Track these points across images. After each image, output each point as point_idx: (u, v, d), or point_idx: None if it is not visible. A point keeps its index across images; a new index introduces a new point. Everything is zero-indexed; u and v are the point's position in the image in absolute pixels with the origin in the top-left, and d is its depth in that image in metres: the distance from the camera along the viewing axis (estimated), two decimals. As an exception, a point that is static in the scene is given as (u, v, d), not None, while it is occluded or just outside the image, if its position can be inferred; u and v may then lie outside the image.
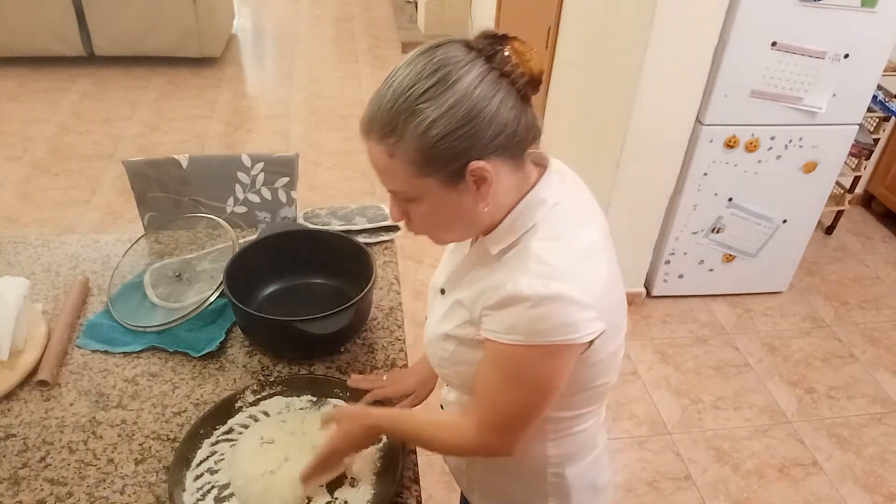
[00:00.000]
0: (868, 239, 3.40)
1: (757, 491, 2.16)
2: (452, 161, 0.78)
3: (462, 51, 0.78)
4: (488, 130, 0.77)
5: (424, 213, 0.85)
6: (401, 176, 0.80)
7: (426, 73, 0.76)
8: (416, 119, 0.76)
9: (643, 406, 2.43)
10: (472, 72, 0.77)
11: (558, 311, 0.79)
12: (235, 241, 1.48)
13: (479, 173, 0.79)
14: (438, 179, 0.80)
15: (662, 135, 2.41)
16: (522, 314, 0.80)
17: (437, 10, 5.15)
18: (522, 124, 0.81)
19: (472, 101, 0.76)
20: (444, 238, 0.92)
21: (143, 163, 1.79)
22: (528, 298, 0.79)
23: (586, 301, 0.80)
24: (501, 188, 0.83)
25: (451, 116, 0.76)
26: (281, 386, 1.23)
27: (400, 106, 0.77)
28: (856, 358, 2.68)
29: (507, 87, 0.78)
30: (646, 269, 2.81)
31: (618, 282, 0.92)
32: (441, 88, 0.76)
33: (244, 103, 4.35)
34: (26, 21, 4.28)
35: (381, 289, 1.50)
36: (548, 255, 0.82)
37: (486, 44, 0.79)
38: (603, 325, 0.83)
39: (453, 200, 0.82)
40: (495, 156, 0.80)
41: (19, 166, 3.57)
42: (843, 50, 2.29)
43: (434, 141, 0.76)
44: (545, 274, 0.80)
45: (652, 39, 2.18)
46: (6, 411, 1.18)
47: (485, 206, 0.82)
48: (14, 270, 1.50)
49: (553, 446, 1.01)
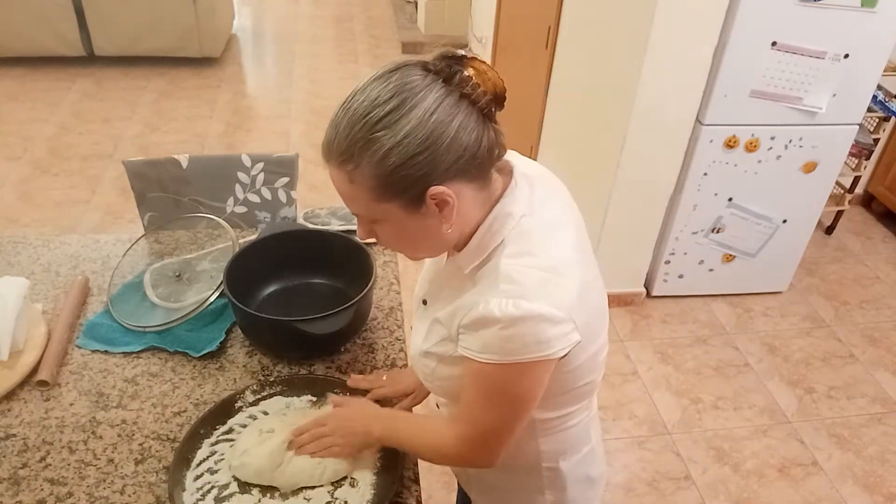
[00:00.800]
0: (868, 239, 3.40)
1: (757, 491, 2.16)
2: (410, 188, 0.78)
3: (419, 74, 0.78)
4: (447, 156, 0.77)
5: (390, 235, 0.86)
6: (362, 201, 0.81)
7: (382, 100, 0.76)
8: (371, 147, 0.76)
9: (643, 406, 2.43)
10: (429, 97, 0.76)
11: (530, 330, 0.79)
12: (235, 241, 1.48)
13: (439, 198, 0.79)
14: (398, 205, 0.80)
15: (662, 135, 2.41)
16: (495, 335, 0.81)
17: (437, 10, 5.15)
18: (484, 145, 0.80)
19: (428, 127, 0.75)
20: (415, 256, 0.93)
21: (143, 163, 1.79)
22: (499, 320, 0.79)
23: (558, 316, 0.80)
24: (466, 208, 0.83)
25: (407, 144, 0.75)
26: (281, 386, 1.23)
27: (356, 134, 0.76)
28: (856, 358, 2.68)
29: (466, 108, 0.78)
30: (646, 269, 2.81)
31: (594, 286, 0.91)
32: (397, 116, 0.75)
33: (244, 103, 4.35)
34: (26, 21, 4.28)
35: (381, 289, 1.50)
36: (517, 273, 0.81)
37: (444, 65, 0.79)
38: (578, 336, 0.83)
39: (416, 223, 0.82)
40: (456, 179, 0.79)
41: (19, 166, 3.57)
42: (843, 50, 2.29)
43: (391, 169, 0.76)
44: (515, 293, 0.80)
45: (652, 39, 2.18)
46: (6, 411, 1.18)
47: (448, 228, 0.82)
48: (14, 270, 1.50)
49: (545, 442, 1.02)
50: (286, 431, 1.09)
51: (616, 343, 2.69)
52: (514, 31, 3.93)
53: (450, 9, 5.15)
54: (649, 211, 2.62)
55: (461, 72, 0.78)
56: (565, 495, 1.07)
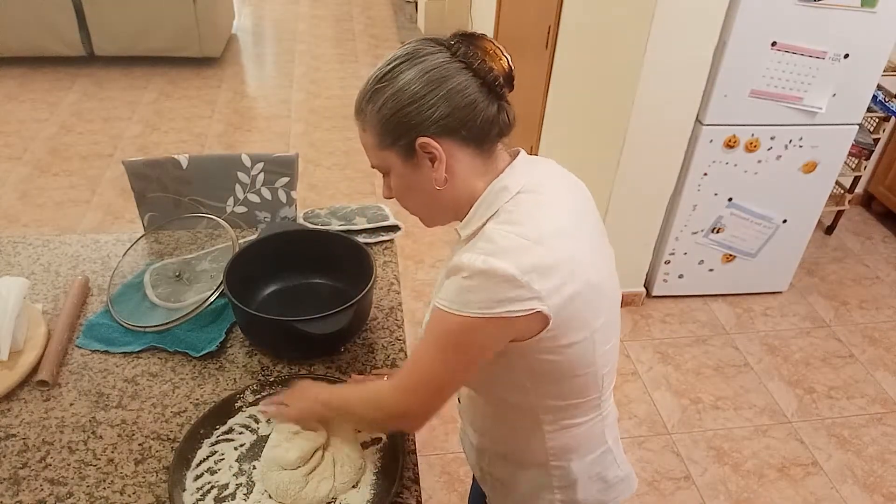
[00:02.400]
0: (868, 239, 3.40)
1: (757, 491, 2.16)
2: (403, 136, 0.88)
3: (432, 44, 0.89)
4: (436, 110, 0.86)
5: (397, 188, 0.94)
6: (371, 148, 0.92)
7: (392, 60, 0.88)
8: (375, 97, 0.88)
9: (643, 406, 2.43)
10: (431, 60, 0.86)
11: (488, 285, 0.83)
12: (235, 241, 1.48)
13: (426, 148, 0.87)
14: (396, 153, 0.90)
15: (662, 135, 2.41)
16: (456, 283, 0.86)
17: (437, 10, 5.15)
18: (479, 111, 0.87)
19: (421, 82, 0.85)
20: (423, 215, 0.98)
21: (143, 163, 1.79)
22: (463, 269, 0.85)
23: (521, 280, 0.82)
24: (461, 171, 0.91)
25: (400, 95, 0.86)
26: (281, 386, 1.22)
27: (368, 87, 0.89)
28: (856, 358, 2.68)
29: (468, 78, 0.87)
30: (646, 269, 2.81)
31: (590, 268, 0.91)
32: (398, 72, 0.87)
33: (244, 103, 4.35)
34: (26, 21, 4.28)
35: (381, 289, 1.50)
36: (497, 234, 0.86)
37: (455, 41, 0.89)
38: (540, 306, 0.84)
39: (413, 175, 0.91)
40: (448, 137, 0.88)
41: (19, 166, 3.57)
42: (843, 50, 2.29)
43: (387, 117, 0.87)
44: (488, 251, 0.84)
45: (652, 39, 2.18)
46: (6, 411, 1.18)
47: (440, 185, 0.90)
48: (14, 270, 1.50)
49: (551, 438, 1.02)
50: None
51: (616, 343, 2.69)
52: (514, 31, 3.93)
53: (450, 9, 5.15)
54: (649, 211, 2.62)
55: (468, 47, 0.88)
56: (576, 495, 1.07)
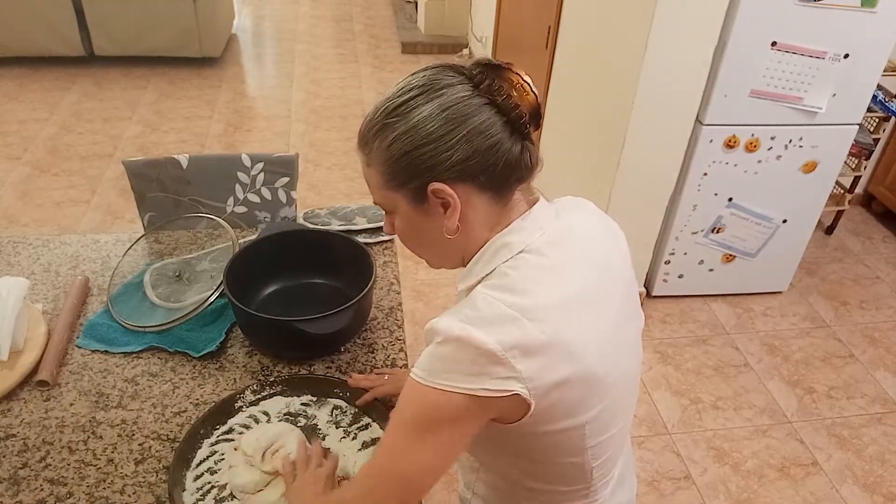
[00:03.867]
0: (868, 239, 3.40)
1: (757, 491, 2.16)
2: (414, 179, 0.78)
3: (451, 74, 0.79)
4: (453, 155, 0.76)
5: (401, 229, 0.86)
6: (375, 186, 0.83)
7: (406, 90, 0.78)
8: (384, 133, 0.78)
9: (643, 406, 2.43)
10: (450, 94, 0.77)
11: (462, 356, 0.73)
12: (235, 241, 1.48)
13: (440, 195, 0.78)
14: (405, 196, 0.80)
15: (662, 135, 2.41)
16: (431, 349, 0.77)
17: (437, 10, 5.15)
18: (502, 156, 0.77)
19: (439, 121, 0.76)
20: (429, 259, 0.90)
21: (143, 163, 1.79)
22: (438, 333, 0.76)
23: (500, 357, 0.72)
24: (476, 218, 0.81)
25: (414, 134, 0.76)
26: (281, 386, 1.23)
27: (375, 119, 0.80)
28: (856, 358, 2.68)
29: (491, 116, 0.77)
30: (646, 269, 2.81)
31: (595, 359, 0.79)
32: (413, 105, 0.77)
33: (244, 103, 4.35)
34: (26, 21, 4.28)
35: (381, 289, 1.50)
36: (483, 301, 0.76)
37: (479, 71, 0.79)
38: (519, 387, 0.73)
39: (421, 220, 0.82)
40: (465, 182, 0.78)
41: (19, 166, 3.57)
42: (843, 50, 2.29)
43: (397, 157, 0.78)
44: (469, 318, 0.75)
45: (652, 39, 2.18)
46: (6, 411, 1.18)
47: (451, 233, 0.80)
48: (14, 270, 1.50)
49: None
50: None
51: (616, 343, 2.69)
52: (514, 31, 3.93)
53: (450, 9, 5.15)
54: (649, 211, 2.62)
55: (493, 80, 0.78)
56: None
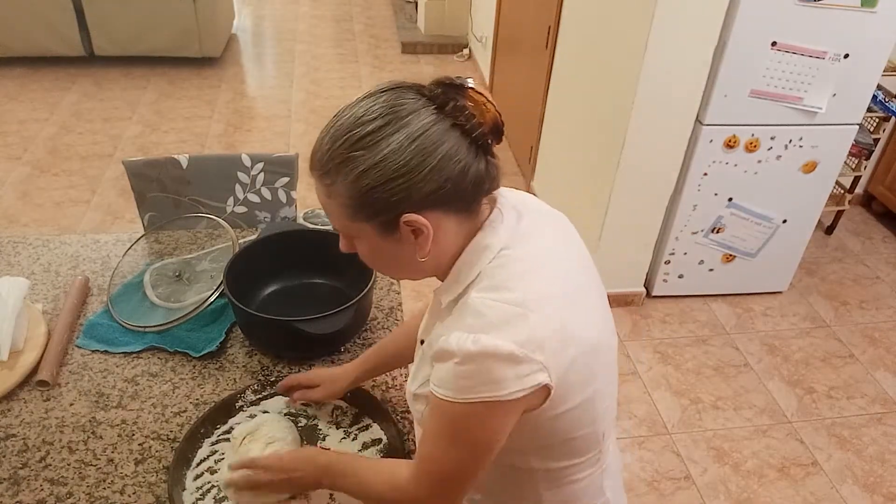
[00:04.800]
0: (868, 239, 3.40)
1: (757, 491, 2.16)
2: (384, 212, 0.76)
3: (412, 97, 0.76)
4: (425, 186, 0.74)
5: (366, 253, 0.84)
6: (337, 217, 0.80)
7: (367, 118, 0.74)
8: (348, 166, 0.75)
9: (643, 406, 2.43)
10: (416, 122, 0.74)
11: (485, 368, 0.75)
12: (235, 241, 1.48)
13: (413, 225, 0.77)
14: (372, 226, 0.78)
15: (662, 135, 2.41)
16: (450, 370, 0.77)
17: (437, 10, 5.15)
18: (471, 178, 0.77)
19: (408, 153, 0.73)
20: (393, 276, 0.91)
21: (143, 163, 1.79)
22: (454, 355, 0.76)
23: (518, 355, 0.75)
24: (446, 238, 0.81)
25: (383, 168, 0.73)
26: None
27: (336, 150, 0.75)
28: (856, 358, 2.68)
29: (457, 138, 0.75)
30: (646, 269, 2.81)
31: (585, 325, 0.84)
32: (378, 136, 0.73)
33: (244, 103, 4.35)
34: (26, 21, 4.28)
35: (381, 289, 1.50)
36: (484, 306, 0.77)
37: (440, 92, 0.76)
38: (545, 378, 0.77)
39: (390, 247, 0.81)
40: (435, 209, 0.77)
41: (19, 166, 3.57)
42: (843, 50, 2.29)
43: (365, 191, 0.75)
44: (477, 328, 0.76)
45: (652, 39, 2.18)
46: (6, 411, 1.18)
47: (423, 257, 0.80)
48: (14, 270, 1.50)
49: (549, 495, 0.95)
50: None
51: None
52: (514, 31, 3.93)
53: (450, 9, 5.15)
54: (649, 211, 2.62)
55: (456, 101, 0.76)
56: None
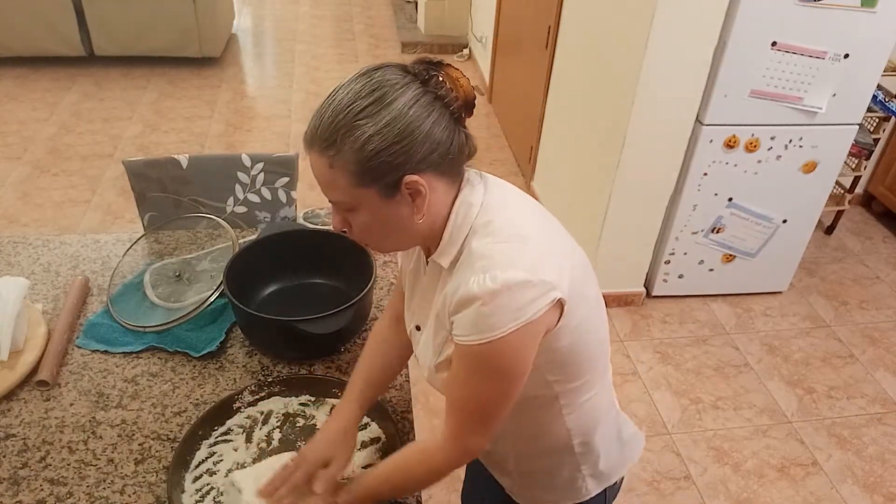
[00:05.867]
0: (868, 239, 3.40)
1: (757, 491, 2.16)
2: (388, 174, 0.83)
3: (399, 74, 0.84)
4: (422, 147, 0.82)
5: (364, 223, 0.89)
6: (341, 186, 0.85)
7: (364, 93, 0.82)
8: (354, 134, 0.81)
9: (643, 406, 2.43)
10: (408, 93, 0.82)
11: (507, 300, 0.82)
12: (235, 241, 1.48)
13: (413, 186, 0.84)
14: (376, 190, 0.84)
15: (662, 135, 2.41)
16: (477, 313, 0.83)
17: (437, 10, 5.15)
18: (455, 144, 0.86)
19: (406, 119, 0.81)
20: (384, 246, 0.95)
21: (143, 163, 1.79)
22: (478, 297, 0.83)
23: (532, 279, 0.83)
24: (437, 201, 0.88)
25: (386, 133, 0.81)
26: (279, 386, 1.23)
27: (340, 121, 0.82)
28: (856, 358, 2.68)
29: (440, 108, 0.84)
30: (646, 269, 2.81)
31: (567, 244, 0.95)
32: (378, 107, 0.81)
33: (244, 103, 4.35)
34: (26, 21, 4.28)
35: (381, 289, 1.50)
36: (488, 249, 0.86)
37: (422, 68, 0.85)
38: (557, 293, 0.85)
39: (391, 211, 0.87)
40: (429, 171, 0.85)
41: (19, 166, 3.57)
42: (843, 50, 2.29)
43: (371, 155, 0.81)
44: (489, 266, 0.83)
45: (652, 39, 2.18)
46: (6, 411, 1.18)
47: (420, 218, 0.87)
48: (14, 270, 1.50)
49: (571, 419, 1.04)
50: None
51: (616, 343, 2.69)
52: (514, 31, 3.93)
53: (450, 9, 5.15)
54: (649, 211, 2.62)
55: (436, 76, 0.85)
56: (599, 466, 1.11)
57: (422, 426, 2.24)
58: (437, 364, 0.97)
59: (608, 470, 1.13)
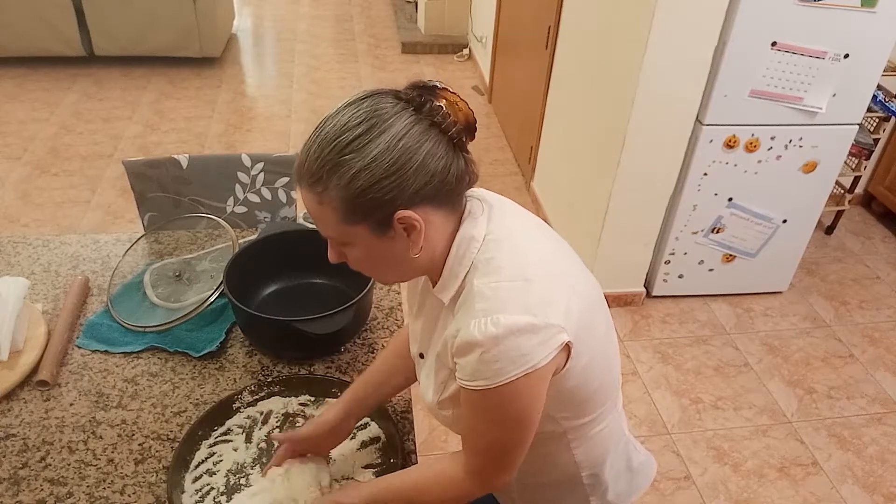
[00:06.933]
0: (868, 239, 3.40)
1: (757, 491, 2.16)
2: (378, 210, 0.79)
3: (391, 101, 0.80)
4: (415, 180, 0.78)
5: (358, 258, 0.86)
6: (331, 222, 0.82)
7: (352, 124, 0.78)
8: (340, 170, 0.77)
9: (643, 406, 2.43)
10: (399, 123, 0.78)
11: (512, 345, 0.79)
12: (235, 241, 1.48)
13: (406, 221, 0.80)
14: (366, 228, 0.81)
15: (662, 135, 2.41)
16: (480, 359, 0.80)
17: (437, 10, 5.15)
18: (453, 173, 0.81)
19: (396, 152, 0.77)
20: (386, 279, 0.93)
21: (143, 163, 1.79)
22: (480, 343, 0.79)
23: (537, 323, 0.80)
24: (435, 234, 0.84)
25: (374, 168, 0.77)
26: (279, 386, 1.23)
27: (325, 157, 0.78)
28: (856, 358, 2.68)
29: (436, 136, 0.79)
30: (646, 269, 2.81)
31: (582, 287, 0.90)
32: (366, 140, 0.77)
33: (244, 103, 4.35)
34: (26, 21, 4.28)
35: (381, 289, 1.50)
36: (489, 289, 0.82)
37: (416, 94, 0.81)
38: (566, 336, 0.82)
39: (384, 246, 0.83)
40: (424, 204, 0.81)
41: (19, 166, 3.57)
42: (843, 50, 2.29)
43: (358, 192, 0.77)
44: (491, 309, 0.80)
45: (652, 39, 2.18)
46: (6, 411, 1.18)
47: (416, 253, 0.83)
48: (14, 270, 1.50)
49: (580, 452, 1.02)
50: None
51: (616, 343, 2.69)
52: (514, 31, 3.93)
53: (450, 9, 5.15)
54: (649, 211, 2.62)
55: (432, 101, 0.80)
56: (608, 496, 1.08)
57: (422, 426, 2.25)
58: (439, 401, 0.96)
59: (617, 500, 1.10)
